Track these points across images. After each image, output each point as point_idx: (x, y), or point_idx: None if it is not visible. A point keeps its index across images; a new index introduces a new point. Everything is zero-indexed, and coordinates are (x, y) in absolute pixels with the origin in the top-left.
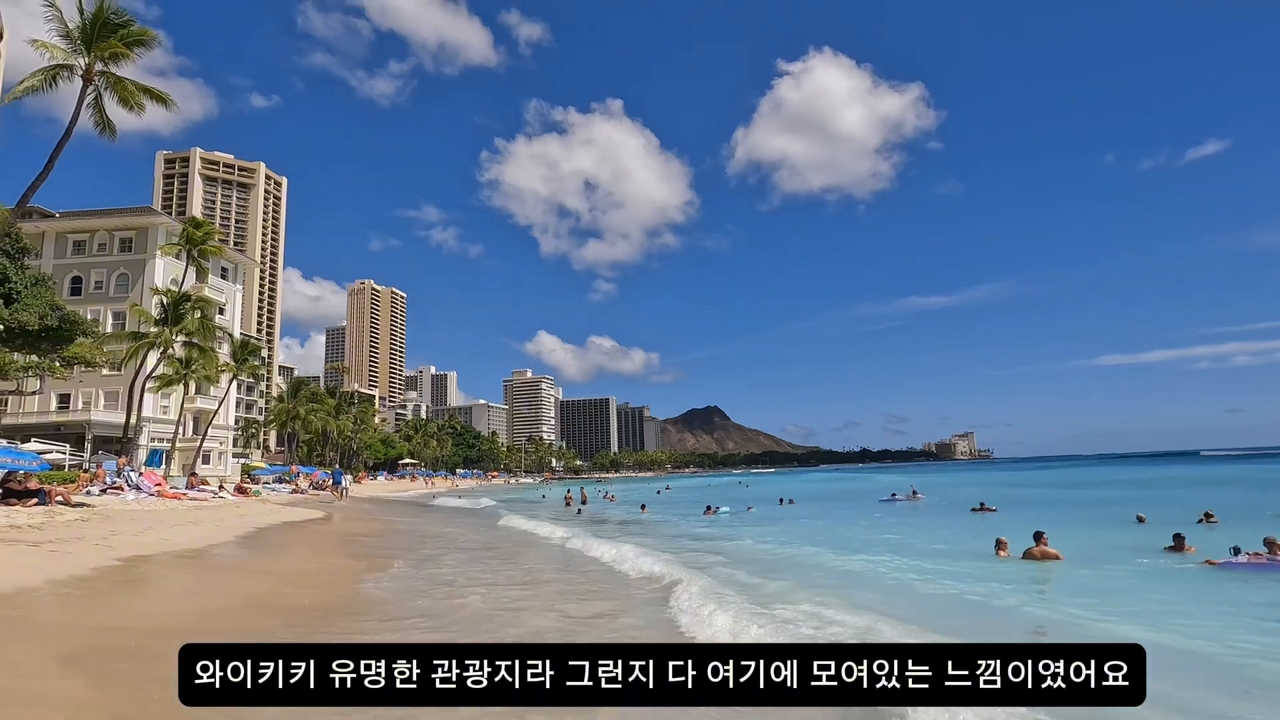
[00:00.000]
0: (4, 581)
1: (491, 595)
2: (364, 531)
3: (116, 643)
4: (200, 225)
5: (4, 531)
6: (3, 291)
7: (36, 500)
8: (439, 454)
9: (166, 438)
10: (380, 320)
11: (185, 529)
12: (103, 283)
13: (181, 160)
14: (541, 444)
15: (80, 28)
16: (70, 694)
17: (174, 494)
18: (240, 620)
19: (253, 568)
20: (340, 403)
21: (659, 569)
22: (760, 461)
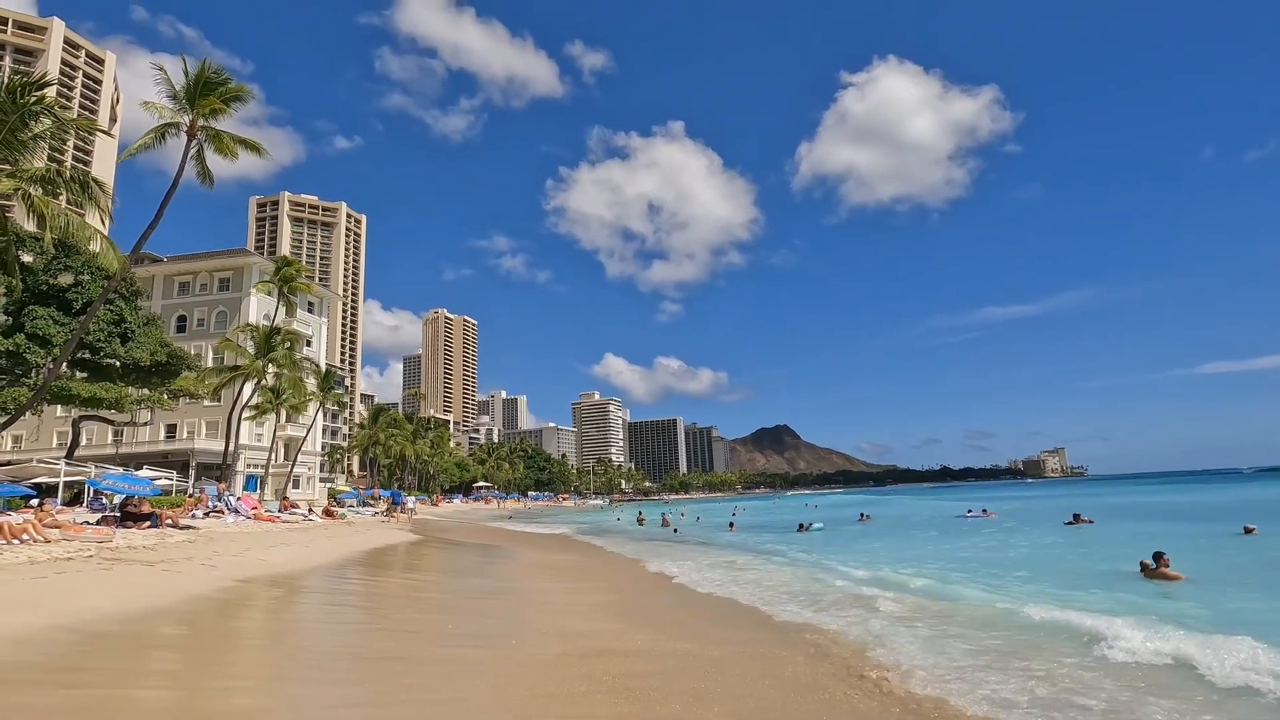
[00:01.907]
0: (137, 601)
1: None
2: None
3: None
4: (291, 264)
5: (124, 552)
6: (120, 331)
7: (149, 523)
8: (511, 477)
9: (261, 464)
10: (454, 347)
11: (279, 550)
12: (204, 320)
13: (272, 204)
14: (610, 466)
15: (185, 88)
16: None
17: (268, 517)
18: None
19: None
20: (417, 428)
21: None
22: (833, 481)
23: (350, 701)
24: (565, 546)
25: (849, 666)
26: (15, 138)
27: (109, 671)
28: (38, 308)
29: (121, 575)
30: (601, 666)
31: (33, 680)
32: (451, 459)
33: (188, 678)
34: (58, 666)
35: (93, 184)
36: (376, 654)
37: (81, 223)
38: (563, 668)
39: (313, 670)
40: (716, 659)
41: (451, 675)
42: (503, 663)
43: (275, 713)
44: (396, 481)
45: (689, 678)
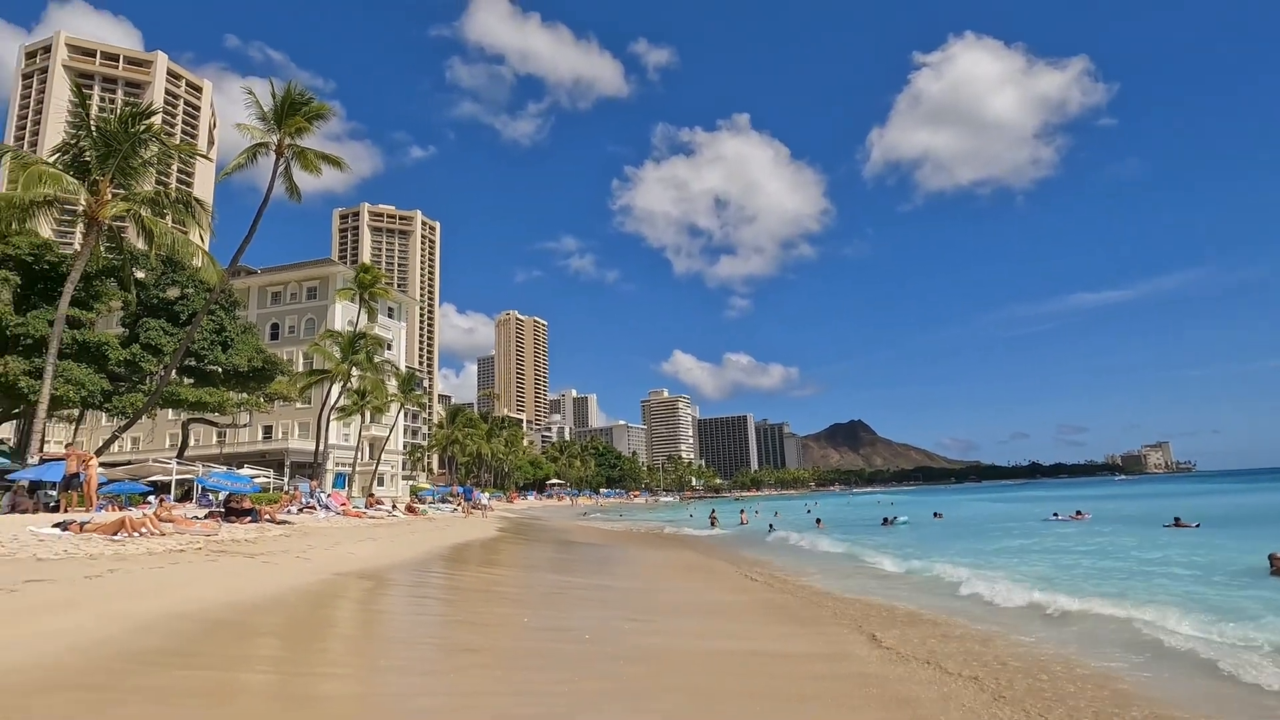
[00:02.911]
0: (241, 591)
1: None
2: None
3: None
4: (369, 270)
5: (228, 545)
6: (221, 340)
7: (250, 518)
8: (583, 474)
9: (348, 462)
10: (525, 348)
11: (366, 544)
12: (295, 327)
13: (353, 214)
14: (680, 463)
15: (272, 109)
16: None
17: (356, 513)
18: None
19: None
20: (492, 427)
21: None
22: (912, 478)
23: (434, 690)
24: (654, 543)
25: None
26: (128, 164)
27: (219, 655)
28: (150, 319)
29: (226, 566)
30: (619, 670)
31: (155, 662)
32: (525, 457)
33: (287, 663)
34: (175, 650)
35: (195, 204)
36: (459, 645)
37: (185, 240)
38: (642, 661)
39: (399, 659)
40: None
41: (528, 667)
42: (581, 655)
43: (364, 699)
44: (472, 479)
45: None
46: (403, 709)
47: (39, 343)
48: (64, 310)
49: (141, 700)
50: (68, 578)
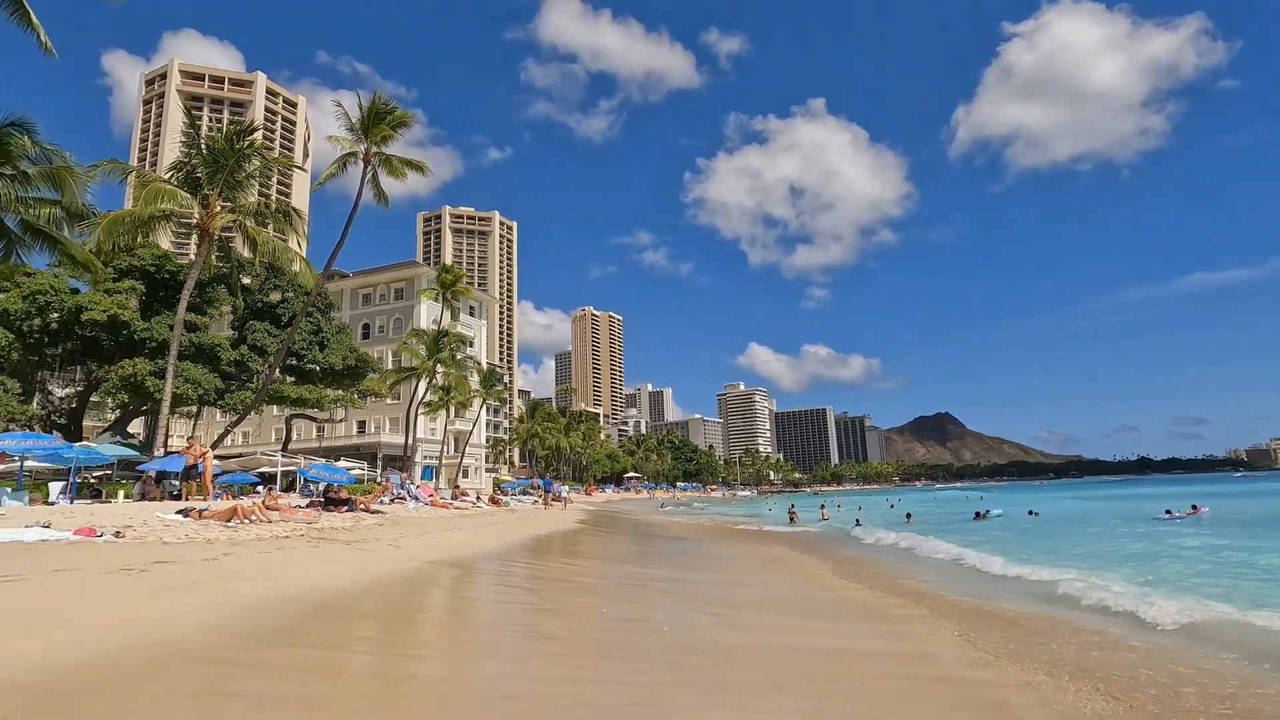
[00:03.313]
0: (340, 576)
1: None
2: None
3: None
4: (450, 271)
5: (328, 532)
6: (318, 340)
7: (347, 508)
8: (659, 467)
9: (435, 455)
10: (601, 343)
11: (454, 534)
12: (384, 327)
13: (435, 217)
14: (758, 456)
15: (360, 120)
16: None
17: (443, 504)
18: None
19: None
20: (570, 421)
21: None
22: (1005, 473)
23: (518, 675)
24: (733, 537)
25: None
26: (234, 178)
27: (323, 636)
28: (255, 322)
29: (326, 553)
30: (696, 663)
31: (269, 640)
32: (602, 450)
33: (382, 645)
34: (285, 629)
35: (292, 213)
36: (541, 633)
37: (285, 247)
38: (712, 657)
39: (485, 644)
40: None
41: (607, 656)
42: (659, 647)
43: (452, 680)
44: (551, 472)
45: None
46: (489, 692)
47: (161, 346)
48: (182, 315)
49: (257, 674)
50: (189, 560)
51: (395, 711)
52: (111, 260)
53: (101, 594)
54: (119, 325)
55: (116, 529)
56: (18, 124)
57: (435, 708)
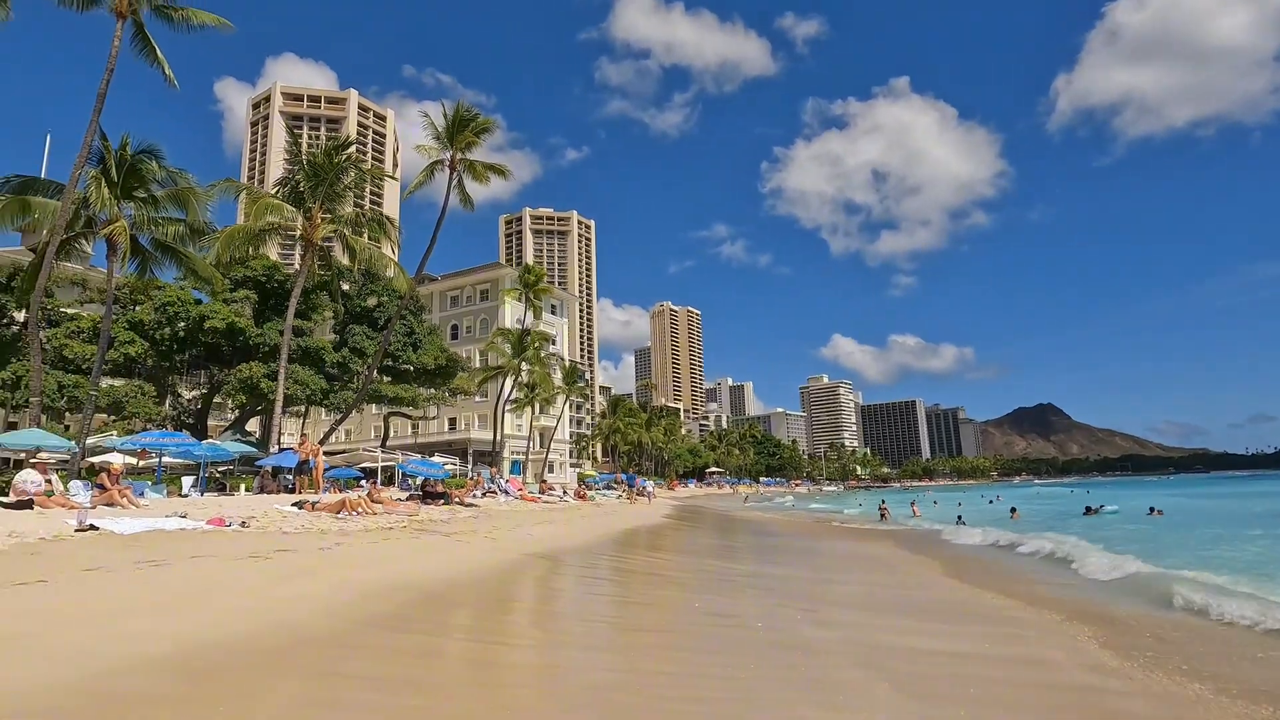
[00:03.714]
0: (441, 566)
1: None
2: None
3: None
4: (532, 271)
5: (427, 524)
6: (412, 341)
7: (443, 501)
8: (742, 462)
9: (521, 451)
10: (680, 338)
11: (544, 527)
12: (471, 327)
13: (516, 219)
14: (843, 451)
15: (445, 129)
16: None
17: (531, 498)
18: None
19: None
20: (651, 417)
21: None
22: (1118, 467)
23: (612, 666)
24: (822, 533)
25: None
26: (333, 191)
27: (427, 622)
28: (355, 326)
29: (428, 544)
30: (791, 659)
31: (380, 625)
32: (684, 445)
33: (484, 633)
34: (393, 615)
35: (386, 221)
36: (633, 625)
37: (380, 254)
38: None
39: (579, 634)
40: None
41: (700, 649)
42: (753, 642)
43: (551, 669)
44: (634, 467)
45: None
46: (587, 681)
47: (273, 350)
48: (291, 321)
49: (371, 657)
50: (307, 549)
51: (497, 696)
52: (228, 272)
53: (234, 579)
54: (236, 332)
55: (242, 519)
56: (148, 151)
57: (536, 694)
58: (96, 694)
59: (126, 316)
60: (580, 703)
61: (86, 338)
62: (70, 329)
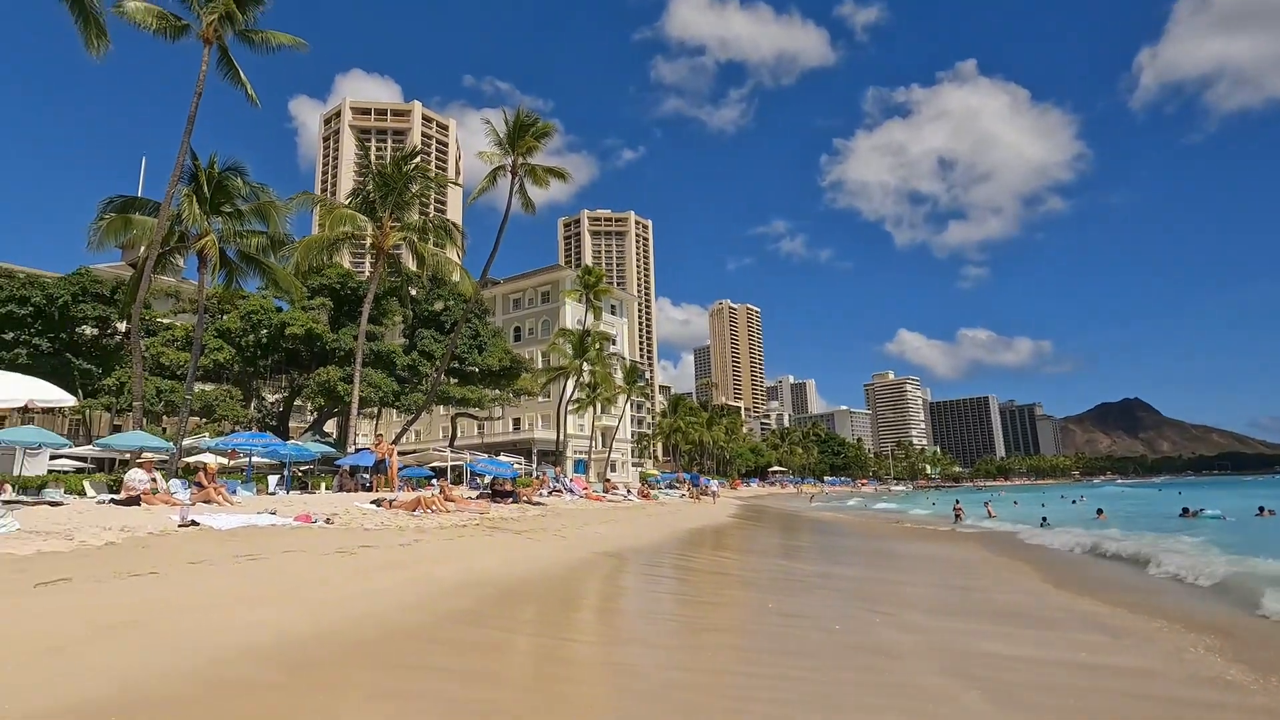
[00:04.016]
0: (514, 563)
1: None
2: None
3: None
4: (591, 272)
5: (498, 522)
6: (477, 344)
7: (512, 499)
8: (805, 461)
9: (584, 450)
10: (739, 336)
11: (611, 525)
12: (533, 329)
13: (574, 222)
14: (911, 449)
15: (506, 135)
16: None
17: (596, 496)
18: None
19: None
20: (711, 416)
21: None
22: (1216, 466)
23: (684, 665)
24: (895, 534)
25: None
26: (401, 199)
27: (506, 618)
28: (423, 330)
29: (500, 541)
30: (871, 663)
31: (457, 620)
32: (745, 444)
33: (556, 630)
34: (469, 610)
35: (452, 227)
36: (703, 624)
37: (446, 259)
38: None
39: (654, 634)
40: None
41: (773, 650)
42: (829, 644)
43: (621, 668)
44: (696, 466)
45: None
46: (662, 679)
47: (348, 354)
48: (364, 327)
49: (450, 651)
50: (387, 545)
51: (575, 692)
52: (306, 280)
53: (322, 573)
54: (314, 338)
55: (327, 516)
56: (234, 168)
57: (613, 692)
58: (210, 681)
59: (215, 325)
60: (659, 703)
61: (180, 346)
62: (165, 338)
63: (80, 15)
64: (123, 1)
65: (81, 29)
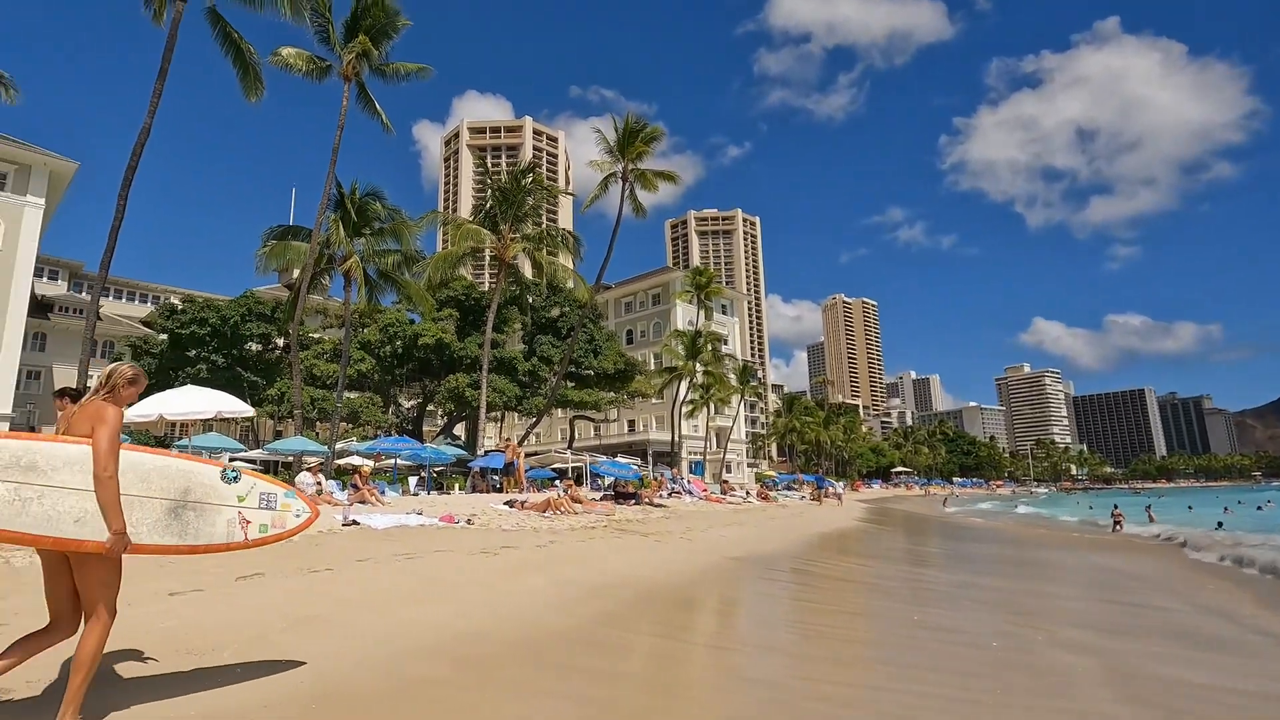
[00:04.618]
0: (643, 565)
1: None
2: None
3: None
4: (702, 273)
5: (623, 524)
6: (592, 348)
7: (634, 501)
8: (932, 461)
9: (699, 451)
10: (854, 331)
11: (734, 529)
12: (645, 331)
13: (681, 223)
14: (1053, 448)
15: (616, 141)
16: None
17: (716, 498)
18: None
19: None
20: (828, 415)
21: None
22: None
23: (834, 679)
24: (1047, 541)
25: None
26: (519, 212)
27: (650, 622)
28: (541, 336)
29: (629, 544)
30: (1040, 685)
31: (604, 623)
32: (865, 444)
33: (687, 634)
34: (619, 613)
35: (567, 236)
36: (846, 636)
37: (562, 267)
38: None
39: (793, 644)
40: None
41: (924, 667)
42: (989, 663)
43: (755, 678)
44: (815, 467)
45: None
46: (808, 692)
47: (474, 362)
48: (489, 335)
49: (600, 652)
50: (525, 546)
51: (718, 699)
52: (434, 293)
53: (471, 572)
54: (443, 347)
55: (468, 517)
56: (372, 194)
57: (757, 704)
58: (395, 675)
59: (357, 338)
60: (803, 716)
61: (329, 358)
62: (316, 351)
63: (242, 68)
64: (278, 50)
65: (241, 79)
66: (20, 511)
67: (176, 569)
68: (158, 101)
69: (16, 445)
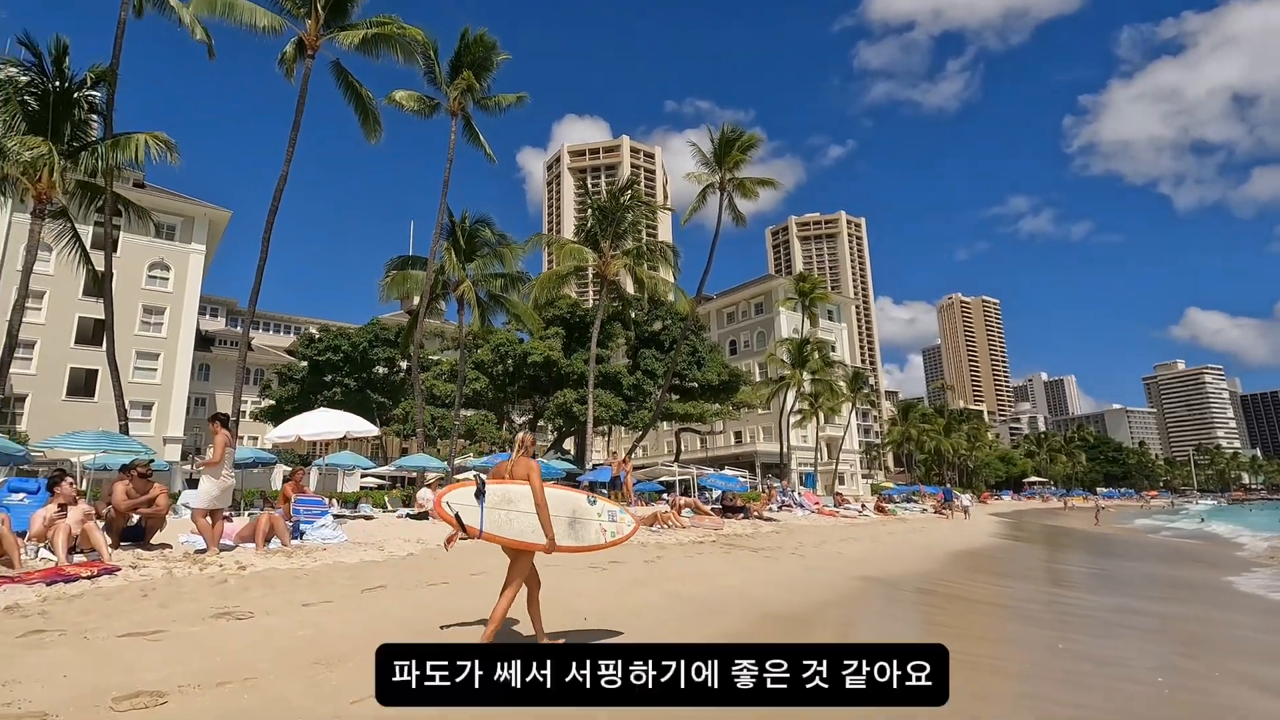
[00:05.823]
0: (756, 582)
1: None
2: None
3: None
4: (807, 279)
5: (733, 539)
6: (695, 360)
7: (743, 515)
8: (1070, 470)
9: (809, 462)
10: (974, 332)
11: (851, 544)
12: (749, 341)
13: (782, 229)
14: (1217, 454)
15: (712, 152)
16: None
17: (829, 511)
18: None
19: None
20: (949, 421)
21: None
22: None
23: (964, 713)
24: (1223, 563)
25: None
26: (619, 229)
27: (775, 642)
28: (644, 350)
29: (739, 559)
30: None
31: (716, 640)
32: (993, 452)
33: None
34: (747, 633)
35: (666, 250)
36: (991, 667)
37: (662, 281)
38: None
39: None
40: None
41: (1080, 705)
42: (1156, 700)
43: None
44: (936, 477)
45: None
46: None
47: (581, 378)
48: (594, 351)
49: None
50: (634, 560)
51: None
52: (541, 312)
53: (583, 587)
54: (551, 364)
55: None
56: (482, 221)
57: None
58: None
59: (471, 358)
60: None
61: (446, 378)
62: (435, 372)
63: (362, 113)
64: (392, 94)
65: (362, 123)
66: (506, 526)
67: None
68: (292, 150)
69: (500, 488)
